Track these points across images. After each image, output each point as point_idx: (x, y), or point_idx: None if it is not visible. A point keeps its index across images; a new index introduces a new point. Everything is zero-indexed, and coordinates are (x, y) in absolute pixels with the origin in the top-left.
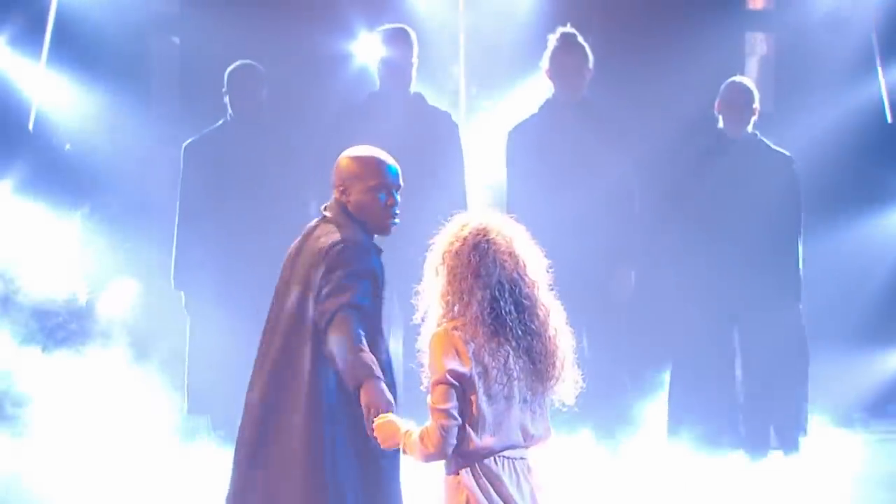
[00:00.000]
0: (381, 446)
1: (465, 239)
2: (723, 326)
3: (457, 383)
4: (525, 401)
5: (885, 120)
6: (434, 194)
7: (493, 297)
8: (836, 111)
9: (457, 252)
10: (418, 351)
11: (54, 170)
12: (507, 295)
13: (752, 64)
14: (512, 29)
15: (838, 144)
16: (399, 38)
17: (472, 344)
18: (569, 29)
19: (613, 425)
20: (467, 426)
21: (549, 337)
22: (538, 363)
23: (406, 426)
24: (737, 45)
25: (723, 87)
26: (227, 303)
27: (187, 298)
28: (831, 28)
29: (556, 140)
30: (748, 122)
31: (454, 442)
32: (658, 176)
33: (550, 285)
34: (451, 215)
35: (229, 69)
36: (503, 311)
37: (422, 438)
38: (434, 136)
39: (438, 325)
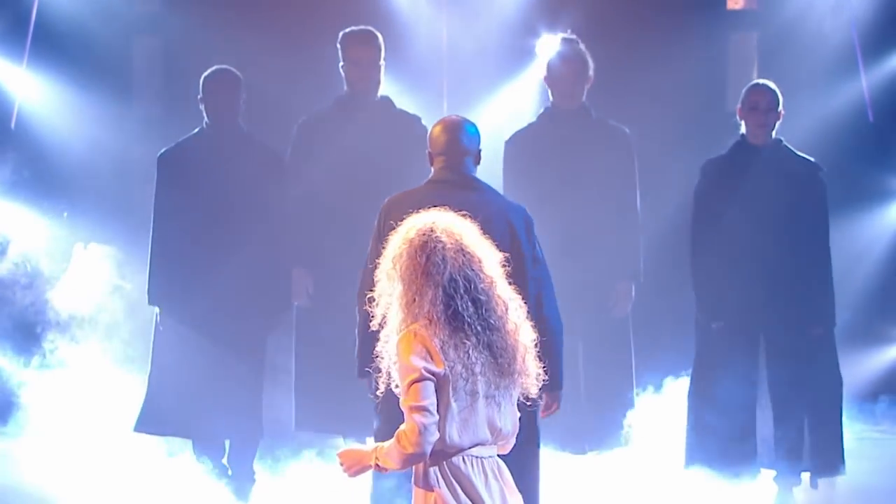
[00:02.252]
0: (349, 474)
1: (412, 241)
2: (748, 344)
3: (433, 379)
4: (490, 396)
5: (867, 119)
6: None
7: (446, 295)
8: (819, 111)
9: (406, 255)
10: (376, 357)
11: (36, 169)
12: (461, 292)
13: (735, 65)
14: (496, 31)
15: (821, 143)
16: (364, 40)
17: (437, 340)
18: (569, 35)
19: (611, 440)
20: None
21: (509, 331)
22: (499, 358)
23: (372, 447)
24: (720, 47)
25: (744, 90)
26: (202, 320)
27: (162, 314)
28: (813, 28)
29: (555, 149)
30: (772, 127)
31: (434, 439)
32: (665, 185)
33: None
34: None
35: (205, 74)
36: (460, 308)
37: (398, 439)
38: (401, 142)
39: (400, 330)
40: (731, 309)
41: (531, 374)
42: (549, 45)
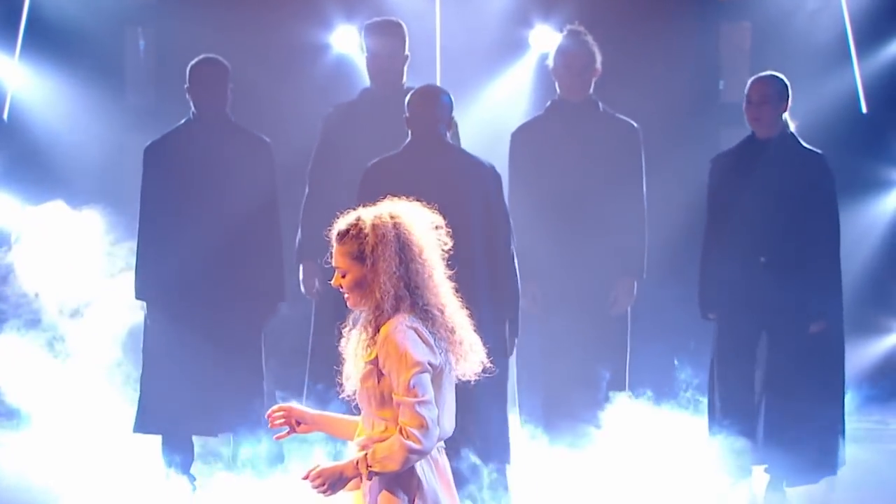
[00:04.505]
0: (330, 494)
1: (405, 229)
2: (749, 337)
3: (431, 371)
4: (452, 382)
5: (860, 109)
6: None
7: (429, 285)
8: (812, 101)
9: (403, 245)
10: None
11: (28, 161)
12: (438, 280)
13: (728, 56)
14: (489, 23)
15: (814, 134)
16: (383, 31)
17: (427, 331)
18: (576, 27)
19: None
20: None
21: (455, 314)
22: (457, 344)
23: (349, 456)
24: (713, 38)
25: (748, 84)
26: (191, 315)
27: (150, 309)
28: (806, 19)
29: (559, 142)
30: (768, 121)
31: (437, 432)
32: (659, 176)
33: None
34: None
35: (191, 64)
36: (432, 296)
37: (407, 436)
38: None
39: (377, 320)
40: (729, 302)
41: (472, 352)
42: (551, 36)
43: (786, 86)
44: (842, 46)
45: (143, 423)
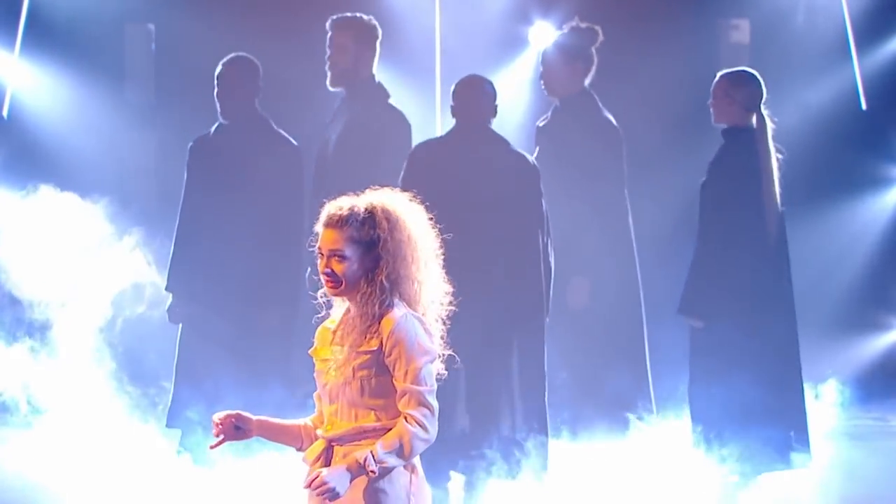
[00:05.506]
0: (341, 493)
1: (412, 218)
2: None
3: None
4: None
5: (860, 106)
6: None
7: (433, 279)
8: (811, 98)
9: (408, 236)
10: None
11: (28, 158)
12: (431, 269)
13: (727, 52)
14: (488, 20)
15: (813, 131)
16: (334, 26)
17: (426, 323)
18: (577, 23)
19: (590, 427)
20: None
21: (444, 303)
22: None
23: (357, 454)
24: (712, 34)
25: None
26: (218, 311)
27: (175, 301)
28: (805, 15)
29: (545, 139)
30: (719, 115)
31: None
32: (656, 172)
33: None
34: None
35: (221, 64)
36: (431, 285)
37: (422, 426)
38: (374, 136)
39: (381, 308)
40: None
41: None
42: (550, 33)
43: (737, 81)
44: (841, 43)
45: (174, 420)
